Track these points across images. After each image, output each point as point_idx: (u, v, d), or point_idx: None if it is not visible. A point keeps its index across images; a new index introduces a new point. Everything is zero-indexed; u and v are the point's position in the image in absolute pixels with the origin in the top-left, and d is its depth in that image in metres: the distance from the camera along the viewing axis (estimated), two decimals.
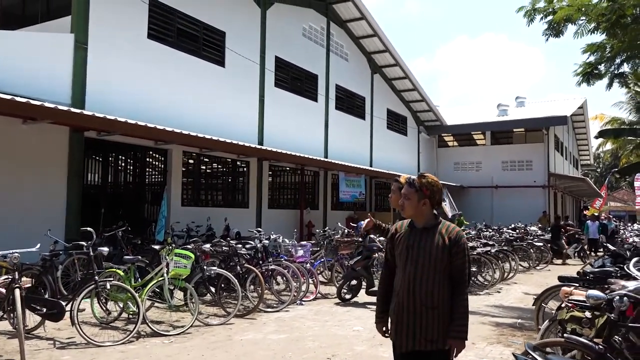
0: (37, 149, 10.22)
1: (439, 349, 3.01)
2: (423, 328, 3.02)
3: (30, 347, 5.90)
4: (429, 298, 3.02)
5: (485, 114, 32.08)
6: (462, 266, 3.07)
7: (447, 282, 3.06)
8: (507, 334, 7.08)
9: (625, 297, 3.49)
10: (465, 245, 3.10)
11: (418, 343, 3.03)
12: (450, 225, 3.17)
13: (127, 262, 7.36)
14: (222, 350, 5.99)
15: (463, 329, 3.00)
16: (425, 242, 3.11)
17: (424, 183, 3.18)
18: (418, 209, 3.17)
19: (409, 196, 3.20)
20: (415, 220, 3.21)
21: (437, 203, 3.20)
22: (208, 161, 16.04)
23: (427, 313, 3.02)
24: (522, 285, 11.88)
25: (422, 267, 3.06)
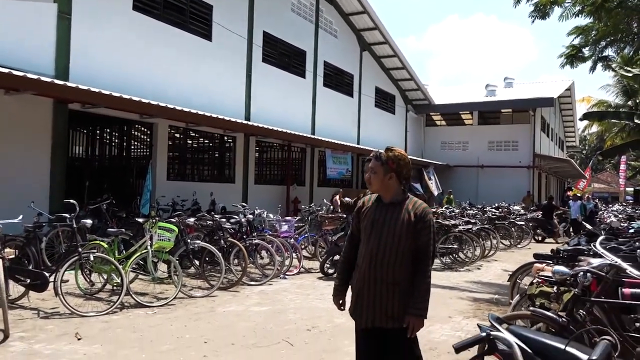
0: (20, 120, 10.13)
1: (399, 326, 2.94)
2: (383, 304, 2.96)
3: (14, 316, 5.96)
4: (390, 274, 2.96)
5: (473, 94, 32.19)
6: (427, 243, 2.99)
7: (411, 258, 2.99)
8: (483, 309, 7.29)
9: (588, 273, 3.63)
10: (431, 222, 3.03)
11: (378, 319, 2.98)
12: (417, 201, 3.11)
13: (111, 234, 7.41)
14: (205, 322, 6.11)
15: (423, 307, 2.92)
16: (391, 218, 3.04)
17: (390, 157, 3.10)
18: (384, 183, 3.10)
19: (375, 169, 3.13)
20: (382, 194, 3.14)
21: (404, 178, 3.14)
22: (194, 136, 16.00)
23: (387, 289, 2.96)
24: (502, 262, 12.14)
25: (385, 242, 2.99)
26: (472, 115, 31.83)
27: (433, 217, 3.14)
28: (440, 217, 13.35)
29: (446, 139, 31.82)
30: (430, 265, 3.02)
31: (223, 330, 5.75)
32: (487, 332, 2.08)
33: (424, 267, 2.97)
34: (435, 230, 3.12)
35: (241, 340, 5.43)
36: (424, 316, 2.93)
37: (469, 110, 31.62)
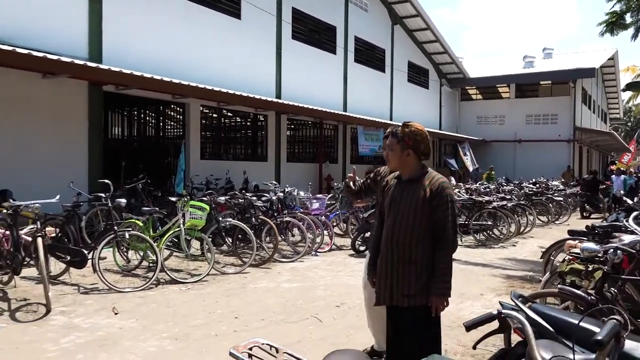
0: (57, 103, 10.41)
1: (415, 305, 2.90)
2: (400, 283, 2.92)
3: (56, 292, 6.22)
4: (406, 252, 2.91)
5: (510, 67, 31.25)
6: (444, 220, 2.88)
7: (429, 236, 2.91)
8: (516, 286, 7.18)
9: (618, 250, 3.52)
10: (448, 197, 2.91)
11: (396, 299, 2.95)
12: (435, 176, 2.99)
13: (146, 213, 7.61)
14: (236, 297, 6.24)
15: (444, 286, 2.86)
16: (408, 194, 2.97)
17: (406, 133, 3.02)
18: (402, 160, 3.03)
19: (392, 147, 3.07)
20: (401, 172, 3.08)
21: (422, 153, 3.04)
22: (226, 115, 16.13)
23: (404, 267, 2.92)
24: (538, 239, 11.90)
25: (401, 220, 2.93)
26: (509, 88, 30.97)
27: (452, 192, 2.99)
28: (474, 193, 13.15)
29: (482, 113, 31.12)
30: (450, 243, 2.90)
31: (254, 306, 5.86)
32: (499, 310, 2.04)
33: (442, 245, 2.88)
34: (455, 206, 2.97)
35: (271, 315, 5.53)
36: (446, 295, 2.88)
37: (506, 83, 30.78)
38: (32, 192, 7.99)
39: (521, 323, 1.92)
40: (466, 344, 4.80)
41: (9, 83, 9.45)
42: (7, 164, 9.39)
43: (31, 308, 5.60)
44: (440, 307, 2.89)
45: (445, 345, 4.71)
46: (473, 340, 4.97)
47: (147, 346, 4.52)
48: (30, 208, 6.15)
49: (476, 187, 14.56)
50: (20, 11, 9.64)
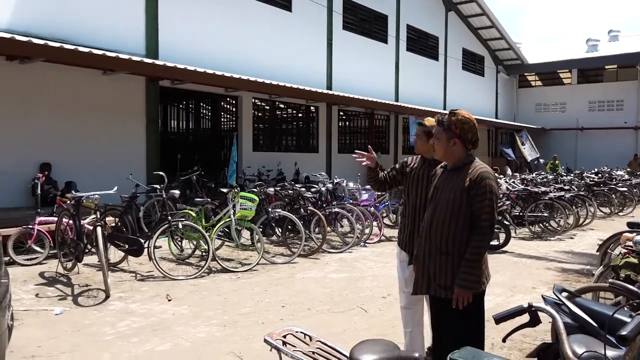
0: (117, 99, 10.87)
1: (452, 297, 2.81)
2: (437, 274, 2.87)
3: (115, 278, 6.56)
4: (443, 243, 2.84)
5: (572, 51, 29.85)
6: (480, 211, 2.76)
7: (468, 228, 2.81)
8: (571, 280, 6.94)
9: None
10: (488, 188, 2.77)
11: (433, 289, 2.91)
12: (478, 165, 2.87)
13: (198, 204, 7.87)
14: (284, 287, 6.37)
15: (467, 278, 2.73)
16: (449, 184, 2.89)
17: (453, 121, 2.88)
18: (448, 149, 2.91)
19: (438, 135, 2.95)
20: (447, 161, 2.99)
21: (470, 142, 2.91)
22: (278, 107, 16.32)
23: (440, 258, 2.86)
24: (599, 231, 11.38)
25: (439, 211, 2.87)
26: (570, 73, 29.61)
27: (493, 182, 2.82)
28: (529, 183, 12.73)
29: (541, 101, 29.95)
30: (485, 235, 2.78)
31: (301, 296, 5.96)
32: (529, 303, 2.00)
33: (476, 236, 2.77)
34: (495, 198, 2.80)
35: (317, 305, 5.60)
36: (468, 287, 2.74)
37: (567, 69, 29.44)
38: (94, 184, 8.42)
39: (552, 317, 1.87)
40: (514, 338, 4.69)
41: (72, 80, 9.96)
42: (71, 157, 9.92)
43: (92, 293, 5.93)
44: (463, 300, 2.75)
45: (492, 339, 4.64)
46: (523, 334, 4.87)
47: (197, 332, 4.70)
48: (91, 199, 6.51)
49: (532, 178, 14.07)
50: (81, 12, 10.11)
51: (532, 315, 2.00)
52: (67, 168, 9.70)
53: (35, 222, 7.41)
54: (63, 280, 6.52)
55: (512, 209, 10.79)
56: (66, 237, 6.86)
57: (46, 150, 9.60)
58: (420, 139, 3.70)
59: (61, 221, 6.93)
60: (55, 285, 6.29)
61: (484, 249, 2.79)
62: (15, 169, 9.15)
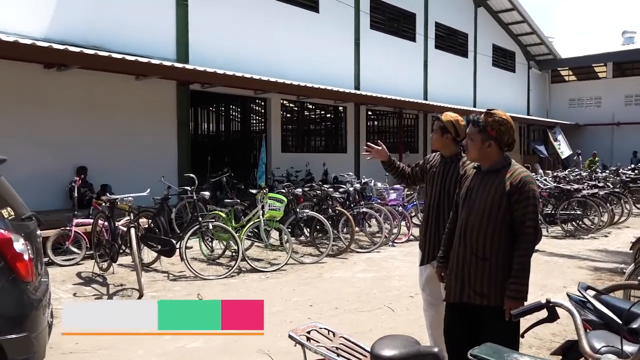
0: (149, 103, 11.14)
1: (490, 304, 2.72)
2: (472, 279, 2.76)
3: (148, 278, 6.76)
4: (479, 248, 2.74)
5: (607, 44, 29.02)
6: (523, 217, 2.68)
7: (506, 232, 2.72)
8: (604, 279, 6.81)
9: None
10: (530, 193, 2.68)
11: (467, 295, 2.79)
12: (518, 169, 2.78)
13: (228, 205, 8.02)
14: (312, 286, 6.45)
15: (517, 288, 2.64)
16: (485, 187, 2.78)
17: (489, 122, 2.75)
18: (482, 151, 2.79)
19: (472, 137, 2.82)
20: (481, 163, 2.87)
21: (506, 144, 2.80)
22: (307, 107, 16.44)
23: (476, 263, 2.75)
24: (635, 229, 11.09)
25: (476, 214, 2.77)
26: (605, 67, 28.83)
27: (535, 187, 2.74)
28: (562, 181, 12.49)
29: (575, 96, 29.25)
30: (530, 242, 2.70)
31: (328, 295, 6.03)
32: (547, 299, 2.00)
33: (520, 244, 2.69)
34: (537, 203, 2.75)
35: (344, 304, 5.66)
36: (520, 298, 2.64)
37: (602, 62, 28.67)
38: (128, 187, 8.64)
39: (570, 312, 1.88)
40: (543, 337, 4.67)
41: (106, 86, 10.27)
42: (106, 161, 10.23)
43: (126, 293, 6.13)
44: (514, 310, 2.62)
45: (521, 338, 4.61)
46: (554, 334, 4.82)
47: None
48: (125, 201, 6.73)
49: (565, 175, 13.79)
50: (114, 19, 10.41)
51: (550, 311, 2.01)
52: (102, 171, 10.01)
53: (72, 224, 7.69)
54: (99, 280, 6.75)
55: (543, 207, 10.63)
56: (102, 238, 7.10)
57: (82, 154, 9.92)
58: (436, 134, 3.64)
59: (97, 223, 7.17)
60: (92, 284, 6.52)
61: (530, 256, 2.73)
62: (53, 173, 9.50)
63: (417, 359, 1.94)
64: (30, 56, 8.46)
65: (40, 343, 3.31)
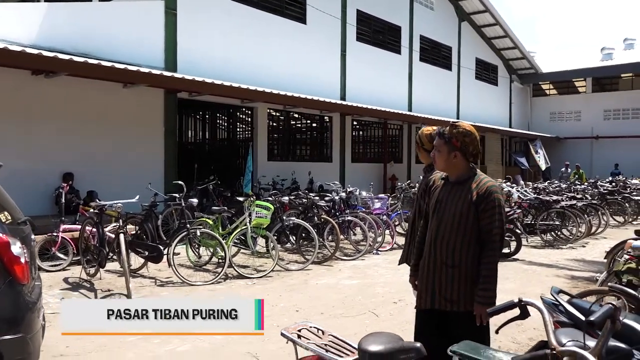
0: (136, 110, 11.23)
1: (460, 310, 2.83)
2: (442, 286, 2.87)
3: (136, 284, 6.81)
4: (449, 256, 2.86)
5: (587, 59, 29.79)
6: (490, 226, 2.79)
7: (475, 241, 2.83)
8: (580, 287, 7.03)
9: None
10: (496, 202, 2.79)
11: (437, 302, 2.91)
12: (484, 179, 2.88)
13: (215, 212, 8.12)
14: (298, 292, 6.57)
15: (485, 294, 2.75)
16: (453, 198, 2.90)
17: (454, 133, 2.88)
18: (449, 162, 2.92)
19: (439, 148, 2.94)
20: (448, 173, 3.00)
21: (471, 155, 2.92)
22: (293, 117, 16.61)
23: (446, 272, 2.86)
24: (611, 240, 11.36)
25: (445, 223, 2.88)
26: (585, 82, 29.54)
27: (501, 196, 2.87)
28: (542, 192, 12.81)
29: (555, 109, 29.91)
30: (496, 250, 2.83)
31: (314, 301, 6.16)
32: (519, 298, 2.18)
33: (487, 252, 2.81)
34: (503, 212, 2.85)
35: (330, 310, 5.80)
36: (487, 303, 2.74)
37: (582, 77, 29.38)
38: (114, 193, 8.71)
39: (540, 310, 2.06)
40: (521, 342, 4.86)
41: (93, 93, 10.33)
42: (93, 167, 10.27)
43: (114, 298, 6.18)
44: (484, 316, 2.73)
45: (500, 342, 4.80)
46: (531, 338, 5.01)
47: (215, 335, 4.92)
48: (114, 207, 6.80)
49: (544, 186, 14.13)
50: (103, 26, 10.51)
51: (522, 310, 2.19)
52: (89, 177, 10.05)
53: (59, 230, 7.71)
54: (86, 285, 6.79)
55: (523, 217, 10.90)
56: (89, 244, 7.15)
57: (69, 160, 9.96)
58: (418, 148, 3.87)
59: (85, 229, 7.23)
60: (79, 290, 6.57)
61: (496, 263, 2.85)
62: (39, 179, 9.52)
63: (400, 353, 2.09)
64: (19, 62, 8.53)
65: (35, 344, 3.39)
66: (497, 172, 23.69)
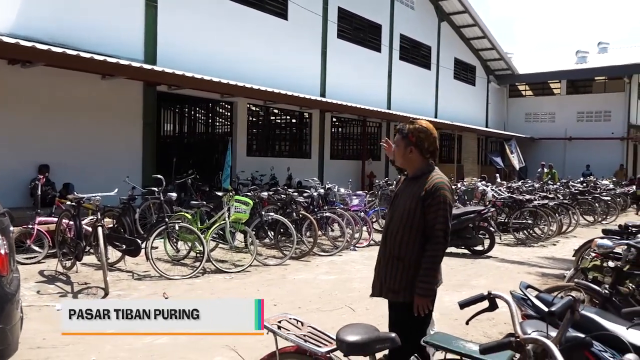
0: (115, 103, 11.12)
1: (399, 300, 2.94)
2: (388, 278, 2.98)
3: (113, 277, 6.80)
4: (396, 248, 2.95)
5: (562, 62, 30.39)
6: (434, 221, 2.86)
7: (421, 236, 2.91)
8: (550, 283, 7.25)
9: (632, 248, 3.66)
10: (442, 198, 2.86)
11: (384, 292, 3.03)
12: (435, 176, 2.95)
13: (194, 207, 8.13)
14: (276, 287, 6.65)
15: (424, 286, 2.83)
16: (407, 192, 2.99)
17: (410, 129, 2.98)
18: (405, 156, 3.01)
19: (397, 143, 3.05)
20: (407, 169, 3.09)
21: (428, 151, 2.99)
22: (273, 113, 16.63)
23: (392, 263, 2.96)
24: (581, 239, 11.66)
25: (396, 218, 2.98)
26: (560, 84, 30.18)
27: (448, 193, 2.92)
28: (515, 191, 13.10)
29: (531, 110, 30.50)
30: (440, 244, 2.87)
31: (291, 296, 6.24)
32: (488, 291, 2.30)
33: (430, 246, 2.87)
34: (449, 208, 2.90)
35: (307, 304, 5.89)
36: (426, 295, 2.84)
37: (557, 79, 30.01)
38: (91, 186, 8.64)
39: (507, 302, 2.18)
40: (492, 336, 5.02)
41: (71, 84, 10.20)
42: (69, 160, 10.15)
43: (91, 291, 6.18)
44: (422, 307, 2.84)
45: (472, 336, 4.96)
46: (501, 332, 5.18)
47: None
48: (91, 200, 6.77)
49: (518, 186, 14.45)
50: (82, 16, 10.38)
51: (491, 302, 2.31)
52: (65, 170, 9.93)
53: (35, 222, 7.63)
54: (62, 278, 6.76)
55: (497, 216, 11.15)
56: (66, 237, 7.10)
57: (45, 152, 9.83)
58: None
59: (61, 221, 7.17)
60: (56, 283, 6.53)
61: (439, 257, 2.90)
62: (14, 170, 9.38)
63: (376, 343, 2.19)
64: None
65: (14, 336, 3.41)
66: (473, 170, 24.08)
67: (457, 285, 6.89)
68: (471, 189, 13.59)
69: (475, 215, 9.37)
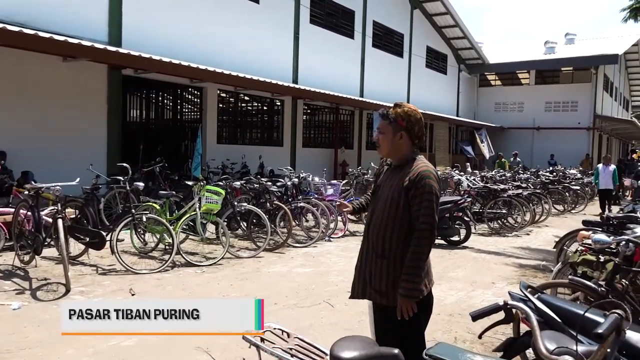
0: (77, 86, 10.55)
1: (388, 304, 2.63)
2: (373, 277, 2.68)
3: (75, 272, 6.39)
4: (378, 245, 2.66)
5: (531, 52, 30.75)
6: (418, 212, 2.56)
7: (406, 230, 2.61)
8: (528, 275, 7.19)
9: (630, 243, 3.52)
10: (427, 188, 2.56)
11: (368, 294, 2.73)
12: (420, 164, 2.65)
13: (162, 196, 7.73)
14: (250, 281, 6.36)
15: (407, 286, 2.52)
16: (390, 182, 2.70)
17: (399, 113, 2.68)
18: (394, 144, 2.70)
19: (383, 130, 2.72)
20: (392, 158, 2.77)
21: (416, 137, 2.71)
22: (243, 99, 16.19)
23: (376, 262, 2.66)
24: (554, 228, 11.82)
25: (378, 211, 2.70)
26: (529, 74, 30.51)
27: (434, 182, 2.61)
28: (489, 181, 13.08)
29: (500, 100, 30.77)
30: (424, 239, 2.56)
31: (267, 290, 5.97)
32: (505, 301, 2.08)
33: (415, 241, 2.56)
34: (435, 199, 2.58)
35: (284, 300, 5.63)
36: (409, 296, 2.53)
37: (526, 70, 30.32)
38: (52, 174, 8.15)
39: (526, 314, 1.96)
40: (475, 332, 4.85)
41: (29, 66, 9.60)
42: (28, 146, 9.58)
43: (51, 287, 5.77)
44: (406, 310, 2.54)
45: (455, 333, 4.79)
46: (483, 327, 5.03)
47: None
48: (51, 190, 6.31)
49: (492, 175, 14.46)
50: None
51: (507, 313, 2.09)
52: (23, 157, 9.36)
53: None
54: (20, 273, 6.31)
55: (472, 205, 11.09)
56: (24, 229, 6.65)
57: (1, 138, 9.22)
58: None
59: (18, 212, 6.70)
60: (12, 278, 6.08)
61: (424, 254, 2.58)
62: None
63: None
64: None
65: None
66: (444, 159, 24.15)
67: (435, 278, 6.71)
68: (445, 178, 13.52)
69: (452, 205, 9.25)
